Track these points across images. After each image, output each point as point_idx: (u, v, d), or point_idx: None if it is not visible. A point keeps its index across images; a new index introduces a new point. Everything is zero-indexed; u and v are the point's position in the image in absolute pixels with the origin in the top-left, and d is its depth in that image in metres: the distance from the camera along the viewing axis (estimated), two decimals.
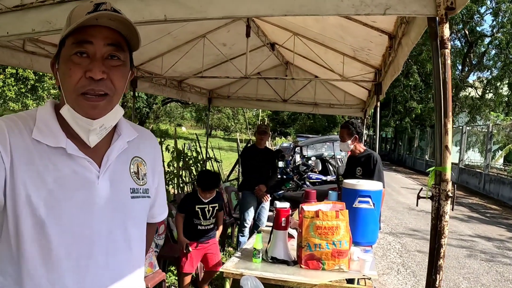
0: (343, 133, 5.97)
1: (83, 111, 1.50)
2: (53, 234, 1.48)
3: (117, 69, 1.55)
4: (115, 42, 1.54)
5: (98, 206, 1.56)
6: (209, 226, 5.57)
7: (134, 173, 1.71)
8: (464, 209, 15.92)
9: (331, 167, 15.46)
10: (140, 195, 1.71)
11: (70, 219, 1.51)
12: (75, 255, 1.52)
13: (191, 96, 11.47)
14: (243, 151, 8.23)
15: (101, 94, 1.51)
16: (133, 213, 1.69)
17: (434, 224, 2.65)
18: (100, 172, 1.59)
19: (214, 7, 3.01)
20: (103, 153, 1.63)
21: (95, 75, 1.47)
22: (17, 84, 33.86)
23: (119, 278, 1.65)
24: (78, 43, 1.50)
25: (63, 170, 1.52)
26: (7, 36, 3.95)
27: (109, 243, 1.59)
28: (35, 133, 1.51)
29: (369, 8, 2.70)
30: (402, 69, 5.13)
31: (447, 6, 2.55)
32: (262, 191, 7.53)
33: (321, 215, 3.87)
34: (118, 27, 1.54)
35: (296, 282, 3.79)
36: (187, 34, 7.67)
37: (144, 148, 1.80)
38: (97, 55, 1.50)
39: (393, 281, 7.50)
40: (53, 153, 1.52)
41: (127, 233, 1.67)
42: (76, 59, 1.50)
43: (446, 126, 2.63)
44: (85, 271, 1.54)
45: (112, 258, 1.61)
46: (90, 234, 1.55)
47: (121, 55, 1.56)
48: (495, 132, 22.72)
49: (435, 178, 2.70)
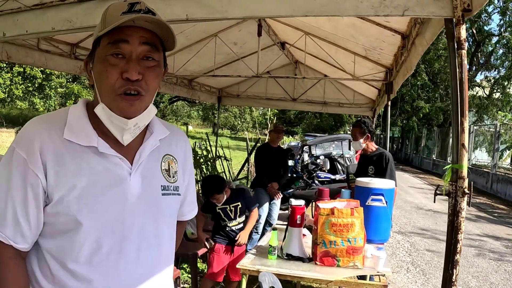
0: (355, 132, 6.02)
1: (119, 110, 1.54)
2: (85, 230, 1.52)
3: (151, 70, 1.58)
4: (150, 42, 1.56)
5: (130, 202, 1.60)
6: (237, 226, 5.35)
7: (165, 171, 1.75)
8: (472, 209, 15.91)
9: (339, 166, 15.49)
10: (170, 192, 1.75)
11: (102, 215, 1.55)
12: (106, 250, 1.56)
13: (201, 94, 11.55)
14: (257, 150, 8.28)
15: (136, 94, 1.54)
16: (164, 210, 1.73)
17: (451, 220, 2.71)
18: (132, 169, 1.63)
19: (234, 7, 3.06)
20: (135, 150, 1.67)
21: (131, 76, 1.51)
22: (25, 82, 34.03)
23: (149, 274, 1.69)
24: (113, 42, 1.52)
25: (96, 168, 1.56)
26: (26, 34, 4.02)
27: (140, 239, 1.63)
28: (66, 134, 1.55)
29: (388, 9, 2.75)
30: (414, 68, 5.18)
31: (464, 8, 2.61)
32: (274, 188, 7.63)
33: (336, 213, 3.92)
34: (153, 28, 1.57)
35: (311, 279, 3.85)
36: (199, 33, 7.73)
37: (175, 146, 1.84)
38: (133, 56, 1.53)
39: (402, 279, 7.53)
40: (85, 152, 1.56)
41: (158, 230, 1.70)
42: (112, 60, 1.52)
43: (463, 125, 2.68)
44: (115, 266, 1.58)
45: (143, 254, 1.65)
46: (122, 230, 1.59)
47: (155, 56, 1.59)
48: (503, 132, 22.66)
49: (452, 176, 2.75)
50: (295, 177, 12.48)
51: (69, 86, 37.39)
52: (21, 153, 1.50)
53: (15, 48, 6.05)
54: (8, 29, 4.02)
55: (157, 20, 1.54)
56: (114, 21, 1.50)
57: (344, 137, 18.59)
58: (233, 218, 5.31)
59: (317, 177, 12.70)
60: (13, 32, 4.02)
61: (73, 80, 38.44)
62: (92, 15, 3.56)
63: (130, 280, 1.62)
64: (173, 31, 1.60)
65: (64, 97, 38.58)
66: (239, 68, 9.80)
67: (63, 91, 37.58)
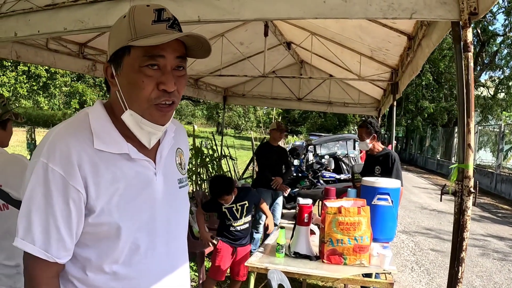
0: (361, 132, 6.07)
1: (153, 119, 1.58)
2: (125, 234, 1.59)
3: (182, 79, 1.62)
4: (182, 54, 1.60)
5: (158, 200, 1.69)
6: (243, 226, 5.29)
7: (179, 164, 1.85)
8: (476, 209, 15.92)
9: (344, 165, 15.53)
10: (184, 184, 1.86)
11: (139, 216, 1.63)
12: (144, 248, 1.64)
13: (207, 94, 11.61)
14: (258, 149, 8.30)
15: (170, 104, 1.59)
16: (182, 201, 1.85)
17: (456, 219, 2.77)
18: (156, 169, 1.70)
19: (246, 9, 3.12)
20: (155, 150, 1.73)
21: (169, 88, 1.54)
22: (29, 81, 34.09)
23: (176, 265, 1.81)
24: (150, 56, 1.53)
25: (129, 174, 1.62)
26: (38, 34, 4.06)
27: (168, 232, 1.74)
28: (96, 144, 1.56)
29: (396, 12, 2.81)
30: (420, 69, 5.23)
31: (471, 12, 2.66)
32: (279, 182, 7.67)
33: (343, 211, 3.97)
34: (185, 40, 1.60)
35: (319, 276, 3.90)
36: (206, 33, 7.71)
37: (180, 138, 1.93)
38: (168, 68, 1.56)
39: (407, 278, 7.58)
40: (117, 160, 1.60)
41: (178, 221, 1.82)
42: (148, 71, 1.54)
43: (469, 126, 2.74)
44: (151, 261, 1.67)
45: (170, 247, 1.75)
46: (154, 228, 1.67)
47: (184, 65, 1.64)
48: (507, 132, 22.65)
49: (458, 175, 2.81)
50: (300, 176, 12.52)
51: (74, 85, 37.50)
52: (57, 170, 1.49)
53: (25, 48, 6.12)
54: (20, 29, 4.07)
55: (200, 38, 1.58)
56: (147, 31, 1.53)
57: (349, 136, 18.62)
58: (238, 217, 5.25)
59: (322, 177, 12.74)
60: (25, 32, 4.07)
61: (78, 79, 38.53)
62: (104, 16, 3.61)
63: (162, 273, 1.72)
64: (210, 43, 1.63)
65: (69, 96, 38.69)
66: (245, 68, 9.86)
67: (67, 90, 37.69)
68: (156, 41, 1.49)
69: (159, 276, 1.71)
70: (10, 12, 4.05)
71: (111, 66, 1.63)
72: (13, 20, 4.09)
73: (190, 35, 1.54)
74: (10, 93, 32.66)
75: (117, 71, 1.61)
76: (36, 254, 1.50)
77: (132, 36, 1.54)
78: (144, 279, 1.66)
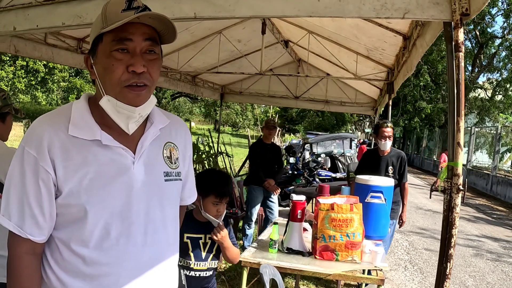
0: (388, 133, 5.98)
1: (127, 100, 1.64)
2: (94, 217, 1.64)
3: (154, 62, 1.68)
4: (151, 37, 1.66)
5: (136, 189, 1.71)
6: (205, 274, 3.36)
7: (167, 158, 1.86)
8: (471, 210, 15.99)
9: (340, 164, 15.58)
10: (173, 178, 1.87)
11: (110, 202, 1.67)
12: (115, 234, 1.67)
13: (204, 91, 11.65)
14: (251, 147, 8.26)
15: (142, 85, 1.65)
16: (168, 194, 1.85)
17: (445, 216, 2.82)
18: (135, 158, 1.74)
19: (241, 6, 3.16)
20: (138, 140, 1.77)
21: (137, 69, 1.61)
22: (27, 76, 34.02)
23: (158, 255, 1.82)
24: (119, 40, 1.61)
25: (102, 160, 1.67)
26: (37, 29, 4.11)
27: (147, 223, 1.75)
28: (71, 130, 1.65)
29: (389, 12, 2.85)
30: (414, 69, 5.27)
31: (462, 12, 2.71)
32: (271, 184, 7.69)
33: (336, 208, 4.02)
34: (154, 24, 1.67)
35: (311, 272, 3.95)
36: (204, 30, 7.82)
37: (175, 134, 1.95)
38: (137, 51, 1.63)
39: (400, 276, 7.63)
40: (90, 145, 1.66)
41: (163, 213, 1.83)
42: (118, 55, 1.61)
43: (459, 124, 2.79)
44: (125, 250, 1.69)
45: (150, 237, 1.76)
46: (129, 216, 1.70)
47: (156, 49, 1.69)
48: (504, 134, 22.71)
49: (448, 173, 2.86)
50: (296, 174, 12.56)
51: (72, 80, 37.49)
52: (31, 152, 1.61)
53: (23, 42, 6.15)
54: (19, 24, 4.11)
55: (161, 17, 1.63)
56: (115, 18, 1.59)
57: (345, 135, 18.69)
58: (203, 257, 3.34)
59: (318, 175, 12.78)
60: (24, 26, 4.11)
61: (76, 75, 38.53)
62: None
63: (140, 262, 1.74)
64: (174, 24, 1.69)
65: (67, 91, 38.67)
66: (242, 65, 9.89)
67: (65, 85, 37.68)
68: (119, 23, 1.57)
69: (136, 266, 1.74)
70: (9, 6, 4.09)
71: (90, 57, 1.72)
72: (12, 15, 4.13)
73: (151, 15, 1.61)
74: (8, 88, 32.61)
75: (94, 60, 1.70)
76: (11, 230, 1.63)
77: (103, 24, 1.62)
78: (117, 267, 1.69)
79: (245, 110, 58.28)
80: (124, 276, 1.71)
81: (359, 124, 56.38)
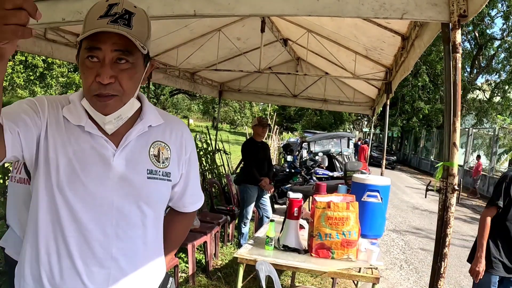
0: None
1: (96, 108, 1.67)
2: (66, 197, 1.67)
3: (125, 72, 1.65)
4: (122, 48, 1.62)
5: (112, 181, 1.72)
6: None
7: (154, 156, 1.83)
8: (467, 211, 16.05)
9: (337, 163, 15.62)
10: (158, 177, 1.83)
11: (83, 188, 1.68)
12: (84, 220, 1.69)
13: (203, 88, 11.65)
14: (243, 145, 8.25)
15: (109, 96, 1.65)
16: (150, 193, 1.81)
17: (440, 215, 2.84)
18: (116, 150, 1.74)
19: (241, 4, 3.18)
20: (124, 135, 1.78)
21: (102, 80, 1.60)
22: (26, 71, 33.92)
23: (131, 250, 1.79)
24: (89, 48, 1.61)
25: (82, 145, 1.70)
26: (36, 24, 4.09)
27: (119, 216, 1.74)
28: (64, 111, 1.72)
29: (388, 12, 2.88)
30: (411, 69, 5.30)
31: (460, 14, 2.74)
32: (267, 183, 7.74)
33: (332, 206, 4.04)
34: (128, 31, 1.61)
35: (307, 269, 3.98)
36: (203, 28, 7.82)
37: (170, 134, 1.92)
38: (106, 60, 1.61)
39: (396, 276, 7.67)
40: (75, 129, 1.71)
41: (141, 211, 1.80)
42: (88, 63, 1.63)
43: (455, 125, 2.82)
44: (91, 236, 1.70)
45: (122, 230, 1.75)
46: (101, 205, 1.71)
47: (129, 58, 1.65)
48: (501, 136, 22.78)
49: (443, 173, 2.89)
50: (293, 172, 12.59)
51: (70, 76, 37.34)
52: (34, 100, 1.70)
53: None
54: None
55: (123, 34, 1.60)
56: (90, 26, 1.59)
57: (343, 135, 18.72)
58: None
59: (315, 174, 12.82)
60: None
61: (75, 70, 38.40)
62: None
63: (107, 251, 1.73)
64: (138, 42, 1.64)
65: (65, 87, 38.58)
66: (241, 63, 9.89)
67: (64, 81, 37.56)
68: (84, 35, 1.59)
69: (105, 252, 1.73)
70: None
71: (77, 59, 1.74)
72: None
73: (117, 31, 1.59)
74: (6, 83, 32.55)
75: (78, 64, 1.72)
76: None
77: (83, 29, 1.63)
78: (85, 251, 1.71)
79: (243, 108, 58.32)
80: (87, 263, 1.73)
81: (357, 123, 56.51)
